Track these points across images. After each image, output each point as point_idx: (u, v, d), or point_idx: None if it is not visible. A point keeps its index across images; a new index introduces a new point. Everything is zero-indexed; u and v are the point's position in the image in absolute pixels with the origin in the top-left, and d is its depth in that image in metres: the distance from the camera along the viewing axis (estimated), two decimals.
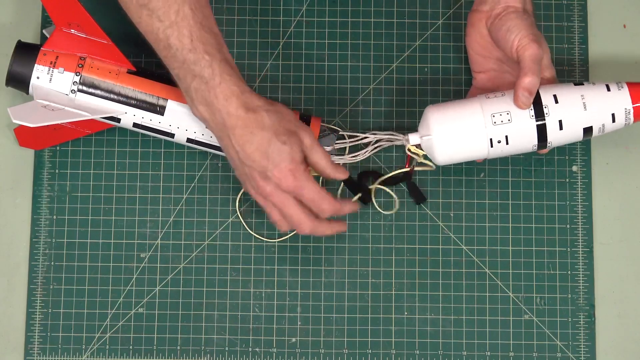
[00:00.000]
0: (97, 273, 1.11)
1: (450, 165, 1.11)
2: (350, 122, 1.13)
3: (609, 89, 1.04)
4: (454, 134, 1.04)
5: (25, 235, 1.12)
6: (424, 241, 1.12)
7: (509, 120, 1.03)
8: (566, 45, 1.15)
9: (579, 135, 1.05)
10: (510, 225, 1.12)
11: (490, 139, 1.04)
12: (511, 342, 1.10)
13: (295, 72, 1.14)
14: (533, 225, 1.12)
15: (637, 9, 1.16)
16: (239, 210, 1.12)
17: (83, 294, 1.11)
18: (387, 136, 1.10)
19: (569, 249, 1.12)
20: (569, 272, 1.11)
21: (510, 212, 1.12)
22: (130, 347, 1.10)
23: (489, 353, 1.10)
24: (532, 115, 1.03)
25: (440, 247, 1.12)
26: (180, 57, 1.00)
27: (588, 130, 1.04)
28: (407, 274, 1.11)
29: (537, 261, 1.11)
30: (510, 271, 1.11)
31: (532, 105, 1.03)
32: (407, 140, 1.07)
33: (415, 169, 1.10)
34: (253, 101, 1.00)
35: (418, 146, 1.07)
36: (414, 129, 1.12)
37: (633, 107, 1.04)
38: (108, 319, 1.10)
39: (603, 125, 1.04)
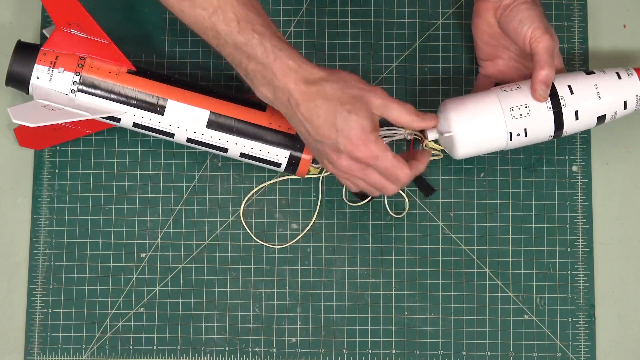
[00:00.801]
0: (97, 273, 1.11)
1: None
2: None
3: (619, 77, 1.06)
4: (475, 130, 1.04)
5: (25, 235, 1.12)
6: (424, 241, 1.12)
7: (527, 113, 1.04)
8: (566, 45, 1.15)
9: (592, 124, 1.06)
10: (510, 225, 1.12)
11: (510, 133, 1.04)
12: (511, 342, 1.10)
13: None
14: (533, 225, 1.12)
15: (637, 9, 1.16)
16: (242, 216, 1.12)
17: (83, 294, 1.11)
18: (385, 132, 1.08)
19: (569, 249, 1.12)
20: (569, 272, 1.11)
21: (510, 212, 1.12)
22: (130, 347, 1.10)
23: (489, 353, 1.10)
24: (550, 107, 1.04)
25: (440, 247, 1.12)
26: (231, 42, 0.98)
27: (601, 119, 1.06)
28: (407, 274, 1.11)
29: (537, 261, 1.11)
30: (510, 271, 1.11)
31: (548, 97, 1.04)
32: (425, 137, 1.06)
33: None
34: (312, 73, 0.98)
35: (435, 142, 1.07)
36: None
37: None
38: (108, 319, 1.10)
39: (615, 113, 1.06)
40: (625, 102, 1.06)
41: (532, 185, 1.13)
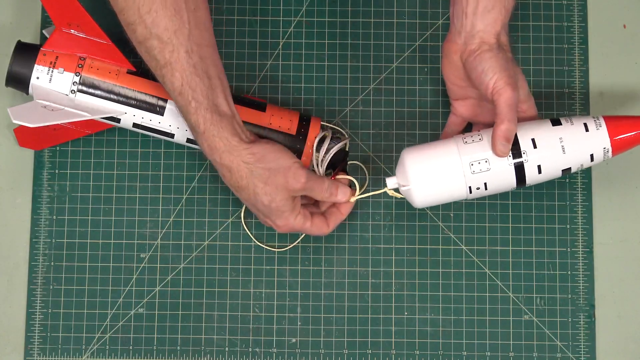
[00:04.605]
0: (97, 273, 1.11)
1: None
2: (351, 123, 1.13)
3: (587, 129, 1.02)
4: (433, 184, 1.02)
5: (25, 235, 1.12)
6: (424, 241, 1.12)
7: (488, 168, 1.01)
8: (566, 46, 1.15)
9: (557, 175, 1.03)
10: (510, 225, 1.12)
11: (470, 187, 1.02)
12: (511, 342, 1.10)
13: (295, 72, 1.14)
14: (533, 225, 1.12)
15: (637, 9, 1.16)
16: (243, 220, 1.12)
17: (83, 294, 1.11)
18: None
19: (569, 249, 1.12)
20: (569, 272, 1.11)
21: (510, 212, 1.12)
22: (130, 347, 1.10)
23: (489, 353, 1.10)
24: (511, 163, 1.01)
25: (440, 247, 1.12)
26: (174, 99, 1.00)
27: (567, 171, 1.03)
28: (407, 274, 1.11)
29: (537, 261, 1.11)
30: (510, 271, 1.11)
31: (510, 152, 1.01)
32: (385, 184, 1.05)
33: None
34: (238, 157, 1.00)
35: (396, 190, 1.05)
36: (413, 130, 1.12)
37: (611, 143, 1.02)
38: (108, 319, 1.10)
39: (582, 165, 1.03)
40: (591, 156, 1.02)
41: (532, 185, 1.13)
